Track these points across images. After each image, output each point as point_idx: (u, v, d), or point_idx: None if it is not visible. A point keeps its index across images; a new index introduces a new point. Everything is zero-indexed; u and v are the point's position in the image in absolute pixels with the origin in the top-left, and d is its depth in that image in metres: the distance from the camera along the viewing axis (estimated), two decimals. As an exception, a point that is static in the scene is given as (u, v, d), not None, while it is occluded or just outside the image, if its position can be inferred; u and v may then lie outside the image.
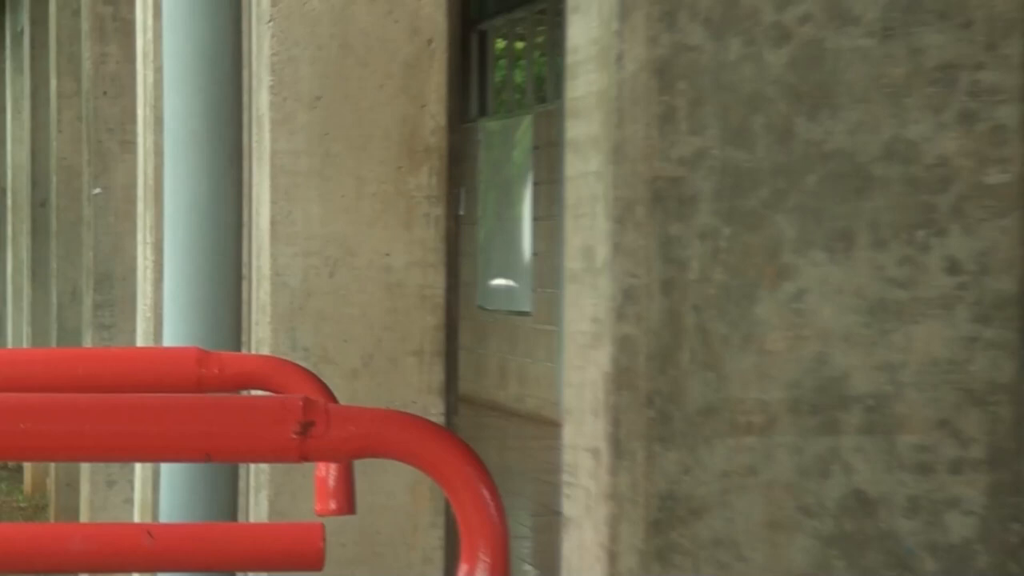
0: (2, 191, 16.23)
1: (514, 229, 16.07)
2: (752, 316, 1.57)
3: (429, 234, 3.44)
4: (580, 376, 1.65)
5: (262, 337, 3.48)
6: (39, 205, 12.71)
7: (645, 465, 1.56)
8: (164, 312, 3.72)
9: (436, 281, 3.44)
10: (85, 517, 8.18)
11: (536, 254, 15.46)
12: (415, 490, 3.38)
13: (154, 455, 1.95)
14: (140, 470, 6.29)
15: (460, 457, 1.79)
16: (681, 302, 1.57)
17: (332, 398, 2.57)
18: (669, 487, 1.56)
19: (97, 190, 8.12)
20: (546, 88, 15.65)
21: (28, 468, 12.01)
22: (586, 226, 1.64)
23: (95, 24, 8.19)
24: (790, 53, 1.57)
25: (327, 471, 2.58)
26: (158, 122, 4.96)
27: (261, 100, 3.48)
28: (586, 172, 1.65)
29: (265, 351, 3.41)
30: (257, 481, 3.46)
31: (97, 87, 8.19)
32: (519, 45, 16.82)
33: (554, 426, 1.85)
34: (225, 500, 3.55)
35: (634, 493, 1.57)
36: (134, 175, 6.70)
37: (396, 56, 3.43)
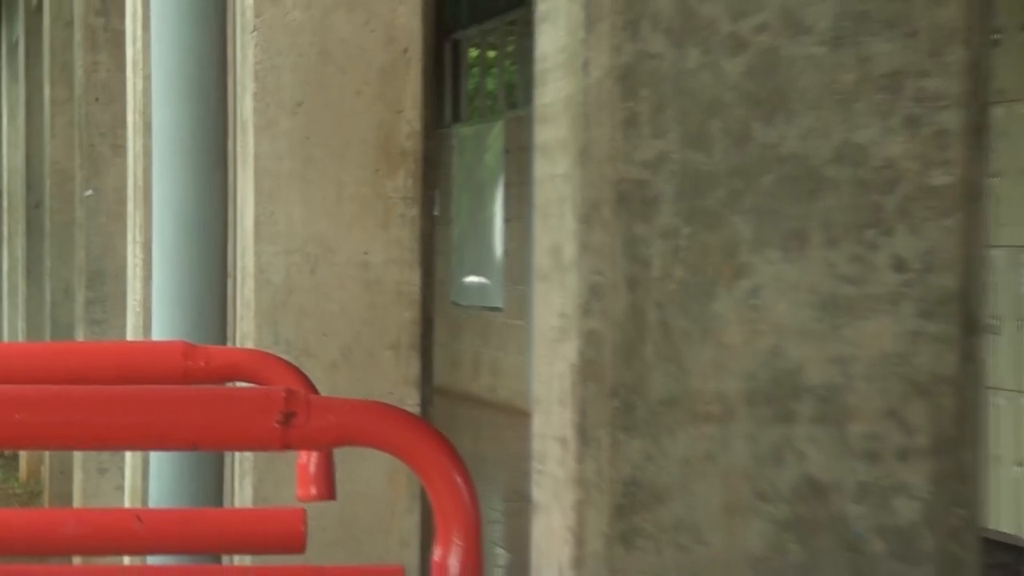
0: (-2, 193, 16.17)
1: (486, 229, 16.05)
2: (711, 312, 1.57)
3: (405, 234, 3.44)
4: (548, 368, 1.66)
5: (246, 331, 3.47)
6: (33, 206, 12.66)
7: (610, 453, 1.56)
8: (153, 308, 3.72)
9: (412, 278, 3.44)
10: (78, 503, 8.16)
11: (507, 253, 15.45)
12: (392, 477, 3.38)
13: (143, 444, 1.95)
14: (130, 458, 6.27)
15: (435, 446, 1.79)
16: (644, 298, 1.57)
17: (313, 390, 2.57)
18: (633, 474, 1.57)
19: (89, 192, 8.09)
20: (516, 95, 15.63)
21: (23, 456, 11.96)
22: (554, 226, 1.65)
23: (87, 35, 8.16)
24: (746, 61, 1.57)
25: (308, 459, 2.58)
26: (147, 127, 4.95)
27: (245, 106, 3.47)
28: (554, 174, 1.65)
29: (249, 345, 3.41)
30: (242, 468, 3.45)
31: (89, 94, 8.16)
32: (491, 54, 16.80)
33: (525, 416, 1.86)
34: (211, 487, 3.55)
35: (599, 479, 1.57)
36: (124, 178, 6.67)
37: (373, 64, 3.42)
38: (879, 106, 1.57)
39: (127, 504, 6.27)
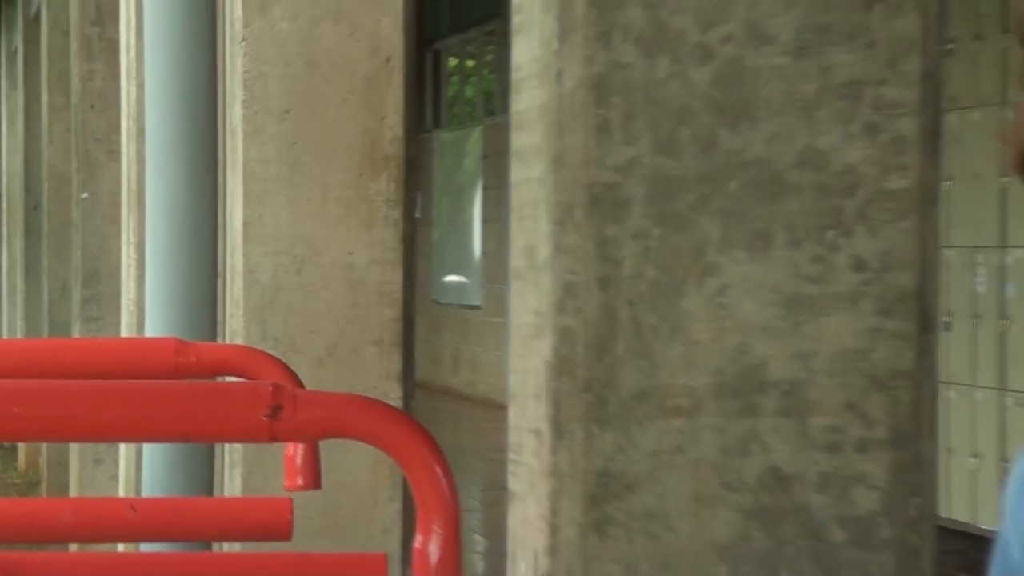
0: (-2, 196, 16.12)
1: (465, 230, 16.05)
2: (680, 309, 1.57)
3: (388, 235, 3.43)
4: (524, 364, 1.65)
5: (235, 328, 3.47)
6: (32, 209, 12.61)
7: (583, 445, 1.56)
8: (146, 306, 3.71)
9: (394, 278, 3.44)
10: (74, 492, 8.13)
11: (486, 253, 15.44)
12: (375, 468, 3.37)
13: (137, 436, 1.94)
14: (124, 449, 6.26)
15: (416, 438, 1.79)
16: (616, 297, 1.57)
17: (299, 384, 2.56)
18: (605, 465, 1.56)
19: (85, 195, 8.07)
20: (494, 102, 15.63)
21: (22, 448, 11.92)
22: (529, 228, 1.64)
23: (83, 44, 8.14)
24: (713, 71, 1.57)
25: (295, 451, 2.57)
26: (140, 133, 4.94)
27: (234, 113, 3.46)
28: (529, 178, 1.65)
29: (238, 341, 3.40)
30: (231, 459, 3.45)
31: (85, 101, 8.14)
32: (470, 63, 16.79)
33: (503, 409, 1.85)
34: (202, 477, 3.54)
35: (573, 470, 1.57)
36: (119, 181, 6.65)
37: (358, 73, 3.42)
38: (839, 114, 1.57)
39: (121, 493, 6.26)
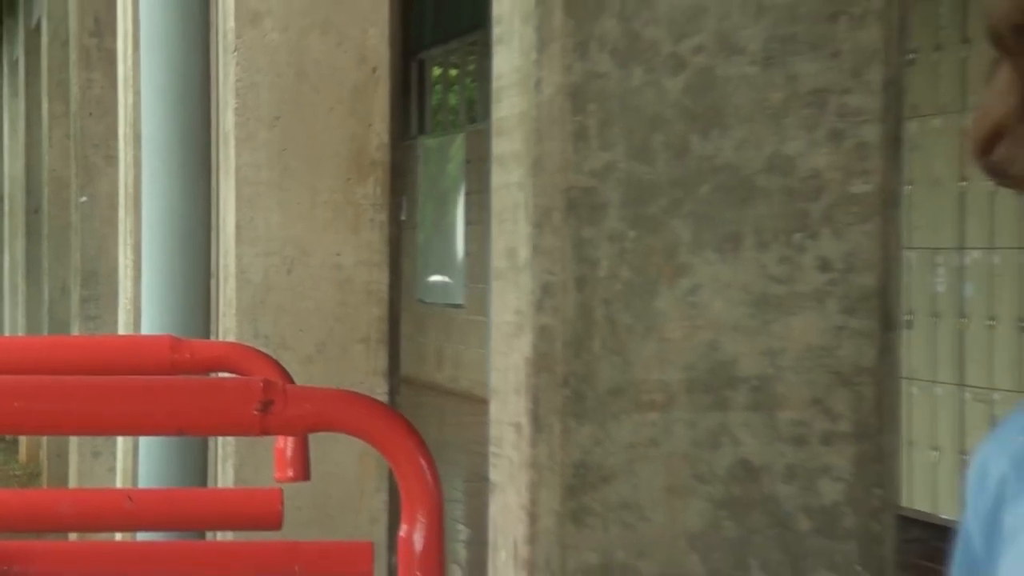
0: (0, 200, 16.07)
1: (449, 233, 16.04)
2: (654, 308, 1.57)
3: (374, 237, 3.43)
4: (505, 360, 1.65)
5: (228, 327, 3.46)
6: (33, 212, 12.58)
7: (561, 438, 1.56)
8: (142, 305, 3.70)
9: (381, 278, 3.43)
10: (73, 484, 8.11)
11: (468, 254, 15.43)
12: (362, 460, 3.37)
13: (134, 429, 1.94)
14: (122, 443, 6.24)
15: (401, 431, 1.79)
16: (592, 296, 1.57)
17: (290, 380, 2.56)
18: (582, 457, 1.56)
19: (83, 199, 8.05)
20: (476, 110, 15.62)
21: (23, 441, 11.89)
22: (510, 230, 1.64)
23: (82, 54, 8.12)
24: (685, 80, 1.57)
25: (285, 443, 2.57)
26: (137, 139, 4.93)
27: (227, 120, 3.46)
28: (510, 183, 1.65)
29: (231, 339, 3.39)
30: (224, 452, 3.44)
31: (83, 109, 8.12)
32: (453, 72, 16.79)
33: (485, 404, 1.85)
34: (196, 469, 3.53)
35: (551, 462, 1.56)
36: (116, 185, 6.64)
37: (345, 82, 3.41)
38: (806, 121, 1.58)
39: (119, 485, 6.24)
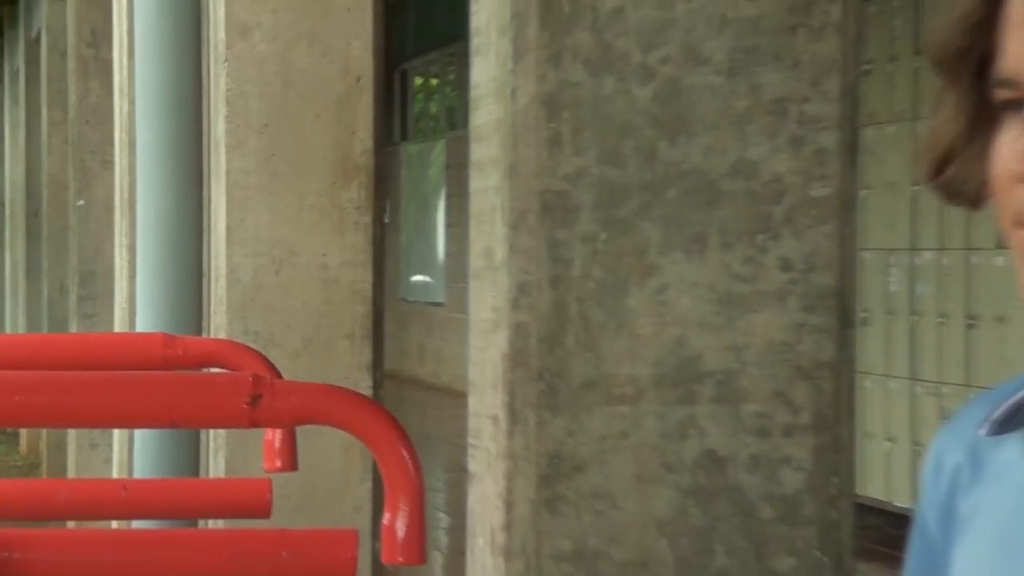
0: (1, 203, 16.01)
1: (430, 234, 16.04)
2: (624, 306, 1.57)
3: (359, 238, 3.43)
4: (482, 356, 1.65)
5: (219, 324, 3.45)
6: (32, 214, 12.54)
7: (536, 429, 1.56)
8: (137, 303, 3.69)
9: (365, 277, 3.43)
10: (72, 474, 8.09)
11: (448, 255, 15.43)
12: (347, 452, 3.37)
13: (129, 422, 1.93)
14: (118, 435, 6.22)
15: (385, 424, 1.79)
16: (566, 295, 1.57)
17: (278, 375, 2.55)
18: (556, 448, 1.56)
19: (81, 202, 8.03)
20: (456, 117, 15.62)
21: (24, 433, 11.85)
22: (487, 231, 1.64)
23: (79, 64, 8.09)
24: (654, 89, 1.57)
25: (274, 435, 2.56)
26: (132, 145, 4.91)
27: (218, 127, 3.45)
28: (487, 187, 1.65)
29: (222, 335, 3.39)
30: (215, 444, 3.43)
31: (81, 116, 8.10)
32: (434, 82, 16.78)
33: (464, 397, 1.85)
34: (188, 460, 3.53)
35: (527, 452, 1.57)
36: (112, 190, 6.62)
37: (331, 91, 3.41)
38: (768, 128, 1.58)
39: (115, 475, 6.22)
